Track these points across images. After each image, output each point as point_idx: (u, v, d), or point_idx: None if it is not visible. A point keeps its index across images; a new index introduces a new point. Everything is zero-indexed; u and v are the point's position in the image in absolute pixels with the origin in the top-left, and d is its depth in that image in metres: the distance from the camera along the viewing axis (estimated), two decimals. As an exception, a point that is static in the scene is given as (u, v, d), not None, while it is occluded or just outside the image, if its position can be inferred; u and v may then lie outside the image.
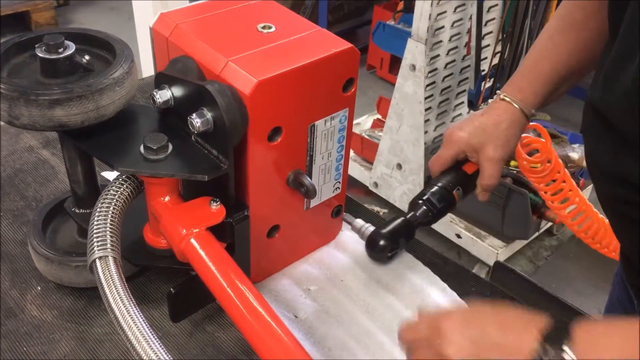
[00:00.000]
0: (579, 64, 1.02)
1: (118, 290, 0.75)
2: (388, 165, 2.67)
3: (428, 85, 2.44)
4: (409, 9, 3.17)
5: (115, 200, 0.84)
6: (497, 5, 2.53)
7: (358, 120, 3.01)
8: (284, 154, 0.89)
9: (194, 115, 0.78)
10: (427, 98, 2.45)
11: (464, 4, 2.40)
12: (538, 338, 0.61)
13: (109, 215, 0.82)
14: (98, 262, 0.77)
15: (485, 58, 2.60)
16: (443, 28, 2.38)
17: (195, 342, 0.92)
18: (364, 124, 3.00)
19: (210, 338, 0.93)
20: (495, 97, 1.05)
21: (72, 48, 0.87)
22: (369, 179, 2.80)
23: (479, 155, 1.01)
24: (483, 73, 2.62)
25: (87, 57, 0.90)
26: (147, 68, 2.49)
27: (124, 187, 0.85)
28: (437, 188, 1.01)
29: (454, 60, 2.51)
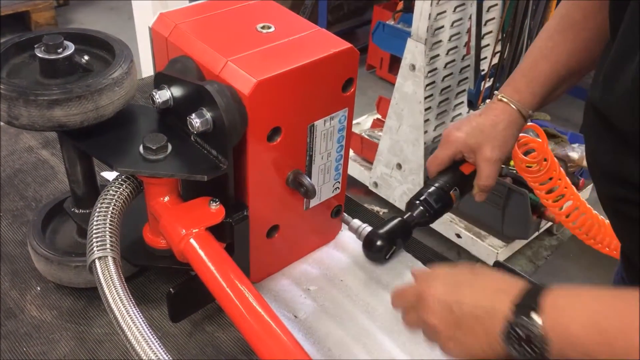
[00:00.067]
0: (578, 65, 1.02)
1: (117, 291, 0.75)
2: (388, 165, 2.67)
3: (428, 85, 2.44)
4: (409, 9, 3.17)
5: (115, 201, 0.84)
6: (496, 5, 2.53)
7: (358, 120, 3.01)
8: (284, 154, 0.89)
9: (194, 116, 0.78)
10: (426, 98, 2.45)
11: (464, 4, 2.40)
12: (511, 304, 0.66)
13: (109, 216, 0.82)
14: (97, 262, 0.77)
15: (485, 58, 2.60)
16: (443, 28, 2.38)
17: (195, 342, 0.92)
18: (364, 124, 3.00)
19: (210, 338, 0.93)
20: (494, 97, 1.05)
21: (71, 48, 0.87)
22: (369, 179, 2.80)
23: (476, 156, 1.01)
24: (483, 73, 2.62)
25: (86, 57, 0.90)
26: (146, 68, 2.49)
27: (124, 187, 0.85)
28: (434, 188, 1.01)
29: (454, 60, 2.51)
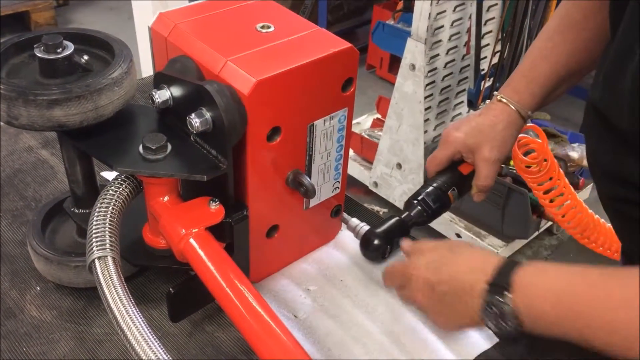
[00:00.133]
0: (578, 65, 1.01)
1: (117, 291, 0.75)
2: (388, 165, 2.66)
3: (428, 85, 2.44)
4: (409, 9, 3.17)
5: (114, 200, 0.83)
6: (496, 5, 2.53)
7: (358, 120, 3.01)
8: (283, 154, 0.89)
9: (193, 115, 0.78)
10: (426, 97, 2.45)
11: (464, 4, 2.40)
12: (485, 283, 0.74)
13: (108, 215, 0.82)
14: (97, 262, 0.77)
15: (485, 57, 2.60)
16: (442, 27, 2.38)
17: (195, 342, 0.92)
18: (364, 124, 3.00)
19: (210, 338, 0.93)
20: (493, 97, 1.05)
21: (70, 48, 0.87)
22: (369, 179, 2.80)
23: (475, 156, 1.01)
24: (482, 72, 2.62)
25: (85, 57, 0.90)
26: (146, 68, 2.49)
27: (123, 187, 0.85)
28: (432, 188, 1.01)
29: (454, 60, 2.51)
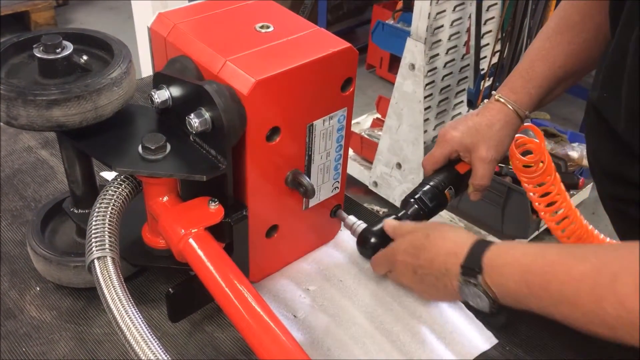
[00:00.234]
0: (576, 66, 1.02)
1: (116, 291, 0.75)
2: (387, 165, 2.67)
3: (427, 85, 2.44)
4: (408, 8, 3.17)
5: (114, 201, 0.83)
6: (496, 4, 2.53)
7: (357, 120, 3.01)
8: (283, 154, 0.89)
9: (192, 115, 0.78)
10: (426, 97, 2.45)
11: (463, 3, 2.40)
12: (459, 266, 0.81)
13: (108, 216, 0.82)
14: (96, 262, 0.77)
15: (485, 57, 2.60)
16: (442, 27, 2.38)
17: (194, 342, 0.92)
18: (364, 123, 3.00)
19: (209, 338, 0.93)
20: (491, 97, 1.05)
21: (69, 48, 0.87)
22: (369, 178, 2.80)
23: (472, 155, 1.01)
24: (482, 72, 2.63)
25: (85, 57, 0.89)
26: (146, 68, 2.49)
27: (123, 187, 0.85)
28: (429, 187, 1.01)
29: (453, 60, 2.51)
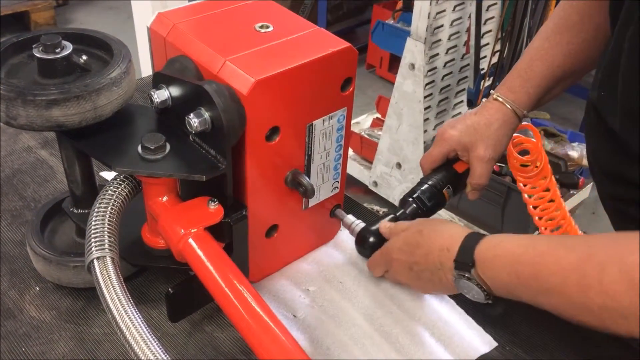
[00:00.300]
0: (575, 66, 1.02)
1: (116, 291, 0.75)
2: (387, 164, 2.67)
3: (427, 84, 2.44)
4: (408, 8, 3.17)
5: (113, 201, 0.83)
6: (496, 4, 2.53)
7: (357, 120, 3.01)
8: (282, 154, 0.88)
9: (192, 115, 0.78)
10: (426, 97, 2.45)
11: (463, 3, 2.40)
12: (453, 261, 0.82)
13: (107, 216, 0.81)
14: (96, 262, 0.77)
15: (485, 57, 2.60)
16: (442, 27, 2.38)
17: (194, 342, 0.92)
18: (364, 123, 3.00)
19: (209, 338, 0.93)
20: (489, 96, 1.05)
21: (69, 48, 0.87)
22: (369, 178, 2.80)
23: (470, 154, 1.01)
24: (482, 72, 2.62)
25: (84, 57, 0.89)
26: (146, 68, 2.49)
27: (122, 187, 0.85)
28: (427, 186, 1.01)
29: (453, 59, 2.51)
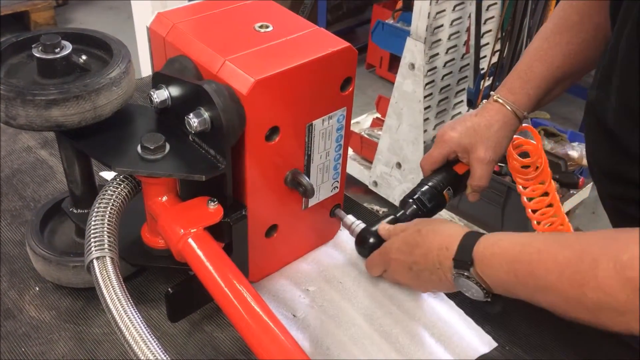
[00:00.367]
0: (574, 67, 1.02)
1: (115, 291, 0.75)
2: (387, 164, 2.67)
3: (427, 84, 2.44)
4: (408, 8, 3.17)
5: (113, 201, 0.83)
6: (496, 4, 2.53)
7: (357, 119, 3.01)
8: (282, 154, 0.88)
9: (191, 115, 0.78)
10: (426, 97, 2.45)
11: (463, 3, 2.40)
12: (452, 260, 0.82)
13: (107, 216, 0.81)
14: (95, 262, 0.77)
15: (485, 56, 2.60)
16: (442, 27, 2.38)
17: (194, 342, 0.92)
18: (364, 123, 3.00)
19: (209, 338, 0.93)
20: (490, 98, 1.05)
21: (68, 48, 0.87)
22: (369, 178, 2.80)
23: (470, 156, 1.01)
24: (482, 71, 2.62)
25: (84, 57, 0.89)
26: (146, 68, 2.49)
27: (122, 187, 0.85)
28: (427, 187, 1.01)
29: (453, 59, 2.51)
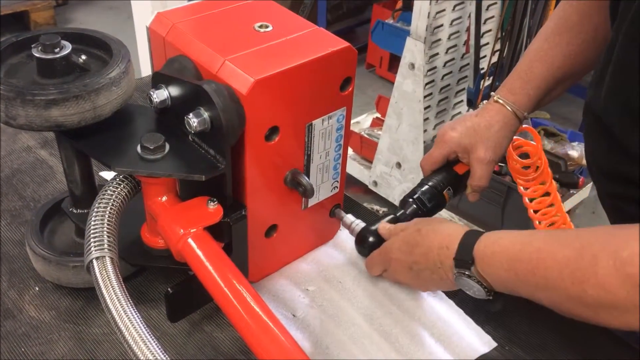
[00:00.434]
0: (574, 67, 1.02)
1: (115, 291, 0.75)
2: (387, 164, 2.66)
3: (427, 84, 2.44)
4: (408, 8, 3.17)
5: (113, 200, 0.83)
6: (496, 4, 2.53)
7: (357, 119, 3.01)
8: (282, 154, 0.88)
9: (191, 115, 0.78)
10: (426, 97, 2.45)
11: (463, 2, 2.40)
12: (452, 259, 0.82)
13: (106, 216, 0.81)
14: (95, 262, 0.77)
15: (485, 56, 2.60)
16: (442, 26, 2.38)
17: (193, 342, 0.92)
18: (363, 123, 3.00)
19: (209, 338, 0.93)
20: (490, 98, 1.05)
21: (68, 48, 0.87)
22: (369, 178, 2.80)
23: (470, 156, 1.01)
24: (482, 71, 2.62)
25: (83, 56, 0.89)
26: (146, 67, 2.49)
27: (121, 187, 0.85)
28: (427, 187, 1.01)
29: (453, 59, 2.51)
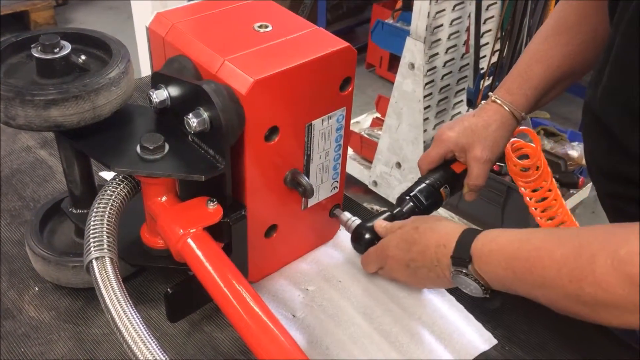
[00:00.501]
0: (573, 67, 1.02)
1: (115, 291, 0.75)
2: (387, 164, 2.66)
3: (427, 84, 2.44)
4: (408, 7, 3.16)
5: (112, 201, 0.83)
6: (495, 3, 2.53)
7: (357, 119, 3.01)
8: (281, 154, 0.88)
9: (191, 115, 0.78)
10: (426, 96, 2.45)
11: (463, 2, 2.40)
12: (450, 258, 0.82)
13: (106, 216, 0.81)
14: (95, 262, 0.77)
15: (484, 56, 2.60)
16: (442, 26, 2.38)
17: (193, 342, 0.92)
18: (363, 123, 3.00)
19: (208, 338, 0.93)
20: (488, 98, 1.05)
21: (68, 48, 0.87)
22: (369, 178, 2.80)
23: (467, 155, 1.02)
24: (482, 71, 2.62)
25: (83, 57, 0.89)
26: (145, 68, 2.49)
27: (121, 187, 0.85)
28: (424, 185, 1.02)
29: (453, 59, 2.51)
